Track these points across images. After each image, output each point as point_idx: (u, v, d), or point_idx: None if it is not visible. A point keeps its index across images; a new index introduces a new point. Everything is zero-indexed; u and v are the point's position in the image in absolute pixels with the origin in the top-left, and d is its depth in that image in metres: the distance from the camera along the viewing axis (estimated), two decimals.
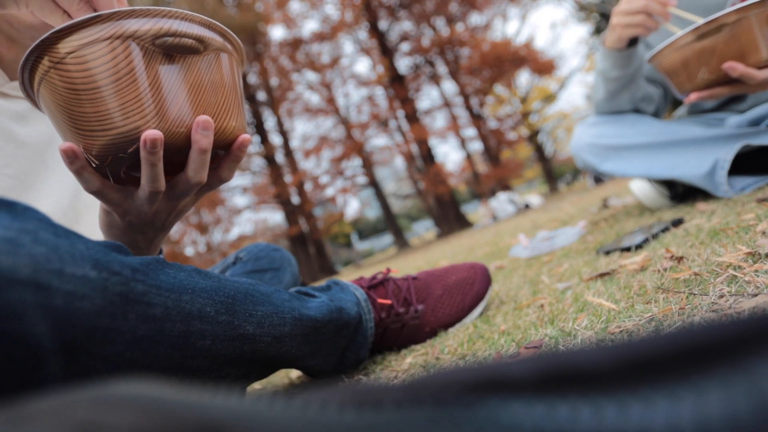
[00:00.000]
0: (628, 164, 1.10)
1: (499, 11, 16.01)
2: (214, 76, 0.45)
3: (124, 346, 0.36)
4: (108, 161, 0.43)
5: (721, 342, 0.12)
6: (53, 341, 0.31)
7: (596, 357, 0.12)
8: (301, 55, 14.53)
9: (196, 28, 0.44)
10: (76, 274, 0.33)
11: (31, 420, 0.11)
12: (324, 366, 0.61)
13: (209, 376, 0.45)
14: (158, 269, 0.41)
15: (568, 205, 3.66)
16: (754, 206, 0.76)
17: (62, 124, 0.43)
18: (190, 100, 0.43)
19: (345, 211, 16.97)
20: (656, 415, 0.11)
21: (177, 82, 0.42)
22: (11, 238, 0.30)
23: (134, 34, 0.40)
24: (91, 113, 0.41)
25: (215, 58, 0.45)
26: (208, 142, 0.44)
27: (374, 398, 0.13)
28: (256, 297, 0.50)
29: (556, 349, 0.14)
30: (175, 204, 0.50)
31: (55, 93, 0.41)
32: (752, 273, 0.46)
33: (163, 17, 0.42)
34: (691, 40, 0.83)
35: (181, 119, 0.43)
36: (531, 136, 16.28)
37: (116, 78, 0.40)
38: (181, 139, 0.43)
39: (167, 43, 0.42)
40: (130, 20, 0.40)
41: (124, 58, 0.40)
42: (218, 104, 0.45)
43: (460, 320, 0.73)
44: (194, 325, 0.42)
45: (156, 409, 0.12)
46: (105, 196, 0.46)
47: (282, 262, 0.85)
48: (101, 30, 0.40)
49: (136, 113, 0.41)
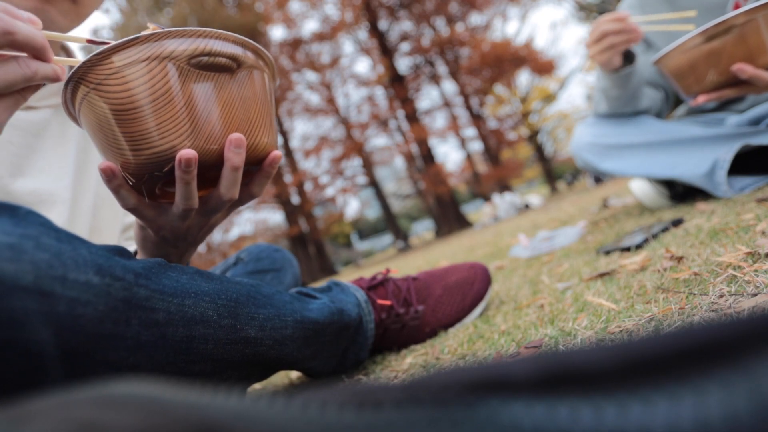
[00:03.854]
0: (628, 164, 1.10)
1: (499, 11, 16.00)
2: (246, 93, 0.46)
3: (127, 352, 0.36)
4: (144, 179, 0.45)
5: (721, 342, 0.12)
6: (56, 348, 0.30)
7: (596, 357, 0.12)
8: (301, 55, 14.52)
9: (230, 46, 0.44)
10: (79, 280, 0.32)
11: (31, 420, 0.11)
12: (324, 367, 0.61)
13: (210, 379, 0.45)
14: (161, 273, 0.40)
15: (568, 205, 3.66)
16: (753, 206, 0.76)
17: (101, 142, 0.44)
18: (222, 117, 0.44)
19: (345, 211, 16.97)
20: (656, 415, 0.11)
21: (210, 100, 0.43)
22: (13, 244, 0.30)
23: (171, 54, 0.41)
24: (129, 133, 0.42)
25: (248, 75, 0.46)
26: (240, 160, 0.44)
27: (374, 398, 0.13)
28: (258, 299, 0.50)
29: (556, 349, 0.14)
30: (207, 219, 0.50)
31: (95, 112, 0.43)
32: (752, 273, 0.46)
33: (199, 37, 0.43)
34: (700, 42, 0.83)
35: (214, 136, 0.43)
36: (531, 136, 16.27)
37: (154, 98, 0.41)
38: (214, 156, 0.44)
39: (202, 63, 0.43)
40: (168, 41, 0.41)
41: (161, 78, 0.41)
42: (250, 121, 0.46)
43: (460, 320, 0.73)
44: (197, 329, 0.42)
45: (156, 409, 0.12)
46: (140, 212, 0.47)
47: (283, 262, 0.85)
48: (140, 51, 0.41)
49: (172, 132, 0.42)
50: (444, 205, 14.00)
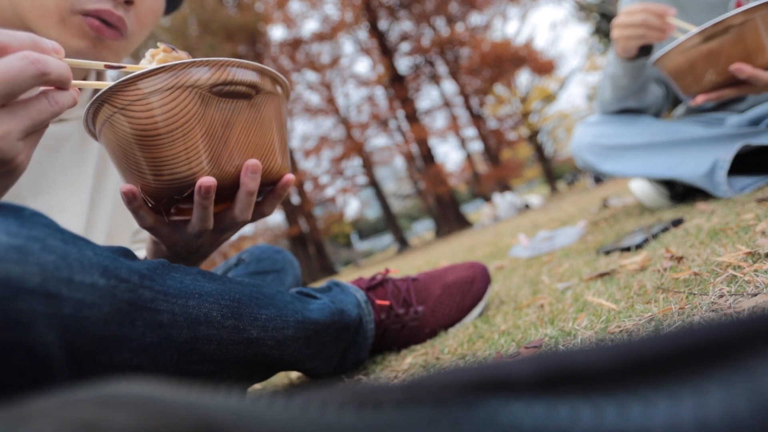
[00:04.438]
0: (628, 164, 1.10)
1: (499, 11, 15.99)
2: (263, 118, 0.47)
3: (131, 354, 0.36)
4: (163, 202, 0.46)
5: (721, 342, 0.12)
6: (62, 350, 0.30)
7: (596, 357, 0.12)
8: (301, 55, 14.51)
9: (250, 74, 0.46)
10: (85, 282, 0.32)
11: (31, 420, 0.11)
12: (324, 368, 0.61)
13: (211, 379, 0.45)
14: (165, 274, 0.41)
15: (568, 205, 3.66)
16: (753, 206, 0.76)
17: (122, 164, 0.45)
18: (240, 142, 0.45)
19: (345, 211, 16.96)
20: (656, 415, 0.11)
21: (229, 126, 0.45)
22: (20, 245, 0.29)
23: (195, 83, 0.42)
24: (151, 158, 0.43)
25: (264, 100, 0.48)
26: (255, 185, 0.46)
27: (374, 398, 0.13)
28: (261, 300, 0.50)
29: (556, 349, 0.14)
30: (219, 236, 0.52)
31: (118, 135, 0.44)
32: (752, 273, 0.46)
33: (221, 67, 0.44)
34: (698, 42, 0.82)
35: (232, 161, 0.45)
36: (531, 136, 16.27)
37: (177, 126, 0.42)
38: (230, 179, 0.46)
39: (224, 91, 0.44)
40: (191, 70, 0.43)
41: (184, 106, 0.42)
42: (266, 145, 0.48)
43: (460, 320, 0.73)
44: (201, 330, 0.42)
45: (156, 409, 0.12)
46: (156, 230, 0.49)
47: (284, 263, 0.85)
48: (166, 79, 0.42)
49: (193, 159, 0.43)
50: (444, 205, 14.00)
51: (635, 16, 0.92)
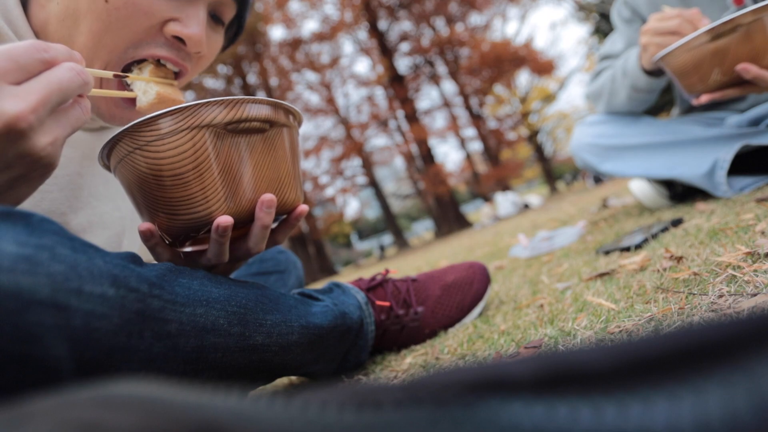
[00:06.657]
0: (628, 164, 1.09)
1: (499, 11, 16.01)
2: (276, 152, 0.48)
3: (139, 365, 0.35)
4: (180, 239, 0.47)
5: (721, 342, 0.12)
6: (71, 362, 0.30)
7: (596, 357, 0.12)
8: (301, 55, 14.51)
9: (264, 109, 0.46)
10: (94, 292, 0.32)
11: (31, 420, 0.11)
12: (325, 370, 0.61)
13: (214, 385, 0.45)
14: (173, 280, 0.41)
15: (567, 205, 3.66)
16: (753, 206, 0.76)
17: (139, 202, 0.46)
18: (255, 177, 0.46)
19: (345, 211, 16.96)
20: (656, 415, 0.11)
21: (244, 162, 0.45)
22: (29, 255, 0.29)
23: (211, 122, 0.43)
24: (168, 197, 0.43)
25: (278, 133, 0.48)
26: (270, 219, 0.46)
27: (374, 398, 0.13)
28: (266, 304, 0.50)
29: (556, 349, 0.14)
30: (233, 265, 0.53)
31: (135, 174, 0.44)
32: (751, 273, 0.46)
33: (235, 105, 0.44)
34: (706, 40, 0.81)
35: (247, 196, 0.45)
36: (531, 136, 16.27)
37: (194, 166, 0.43)
38: (246, 213, 0.46)
39: (239, 128, 0.44)
40: (208, 108, 0.43)
41: (201, 146, 0.43)
42: (280, 178, 0.48)
43: (460, 320, 0.72)
44: (207, 339, 0.42)
45: (156, 409, 0.12)
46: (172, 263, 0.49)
47: (287, 264, 0.85)
48: (183, 120, 0.42)
49: (211, 198, 0.43)
50: (444, 205, 14.00)
51: (669, 22, 0.88)
